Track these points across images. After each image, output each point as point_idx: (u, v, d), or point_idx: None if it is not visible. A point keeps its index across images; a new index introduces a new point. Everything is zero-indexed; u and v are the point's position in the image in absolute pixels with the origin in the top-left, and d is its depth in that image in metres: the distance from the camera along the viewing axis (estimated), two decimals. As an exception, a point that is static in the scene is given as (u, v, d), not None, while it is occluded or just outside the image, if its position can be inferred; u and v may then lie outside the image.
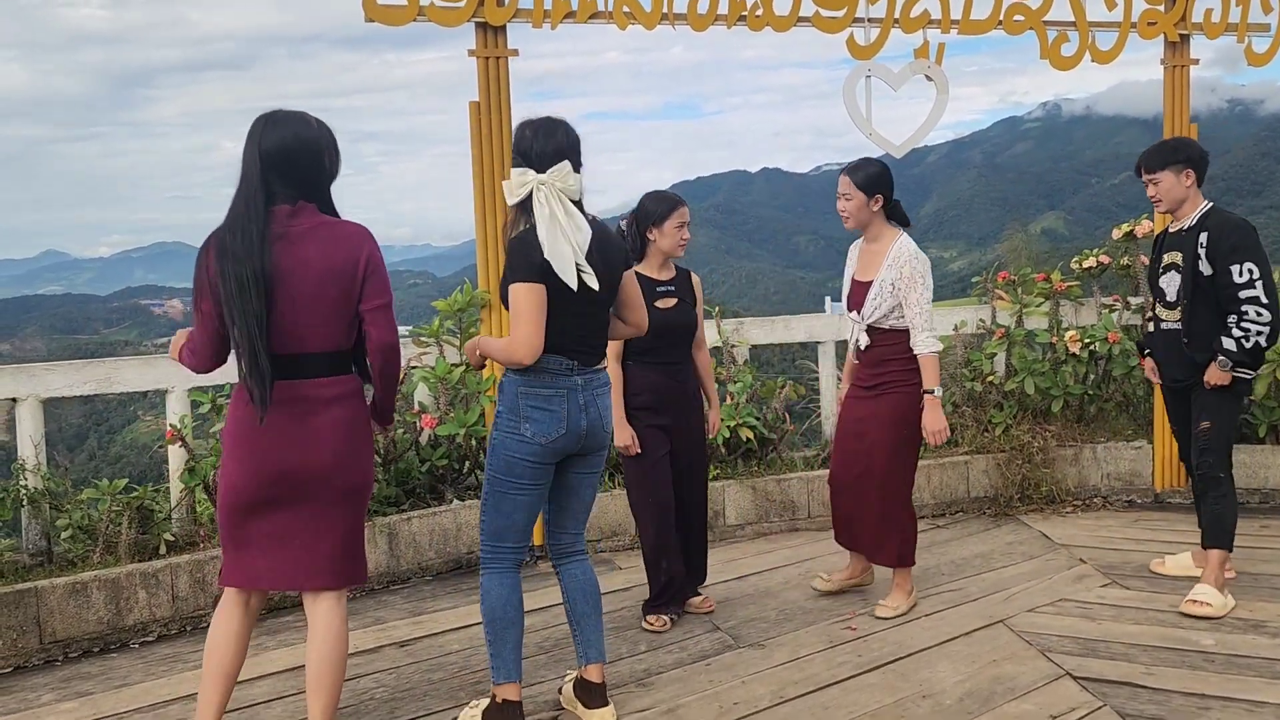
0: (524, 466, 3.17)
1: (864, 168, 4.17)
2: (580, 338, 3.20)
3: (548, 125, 3.18)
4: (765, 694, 3.52)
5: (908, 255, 4.08)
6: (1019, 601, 4.32)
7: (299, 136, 2.87)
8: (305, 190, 2.89)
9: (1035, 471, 5.79)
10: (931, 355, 4.06)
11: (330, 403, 2.89)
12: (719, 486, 5.45)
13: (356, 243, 2.89)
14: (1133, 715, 3.25)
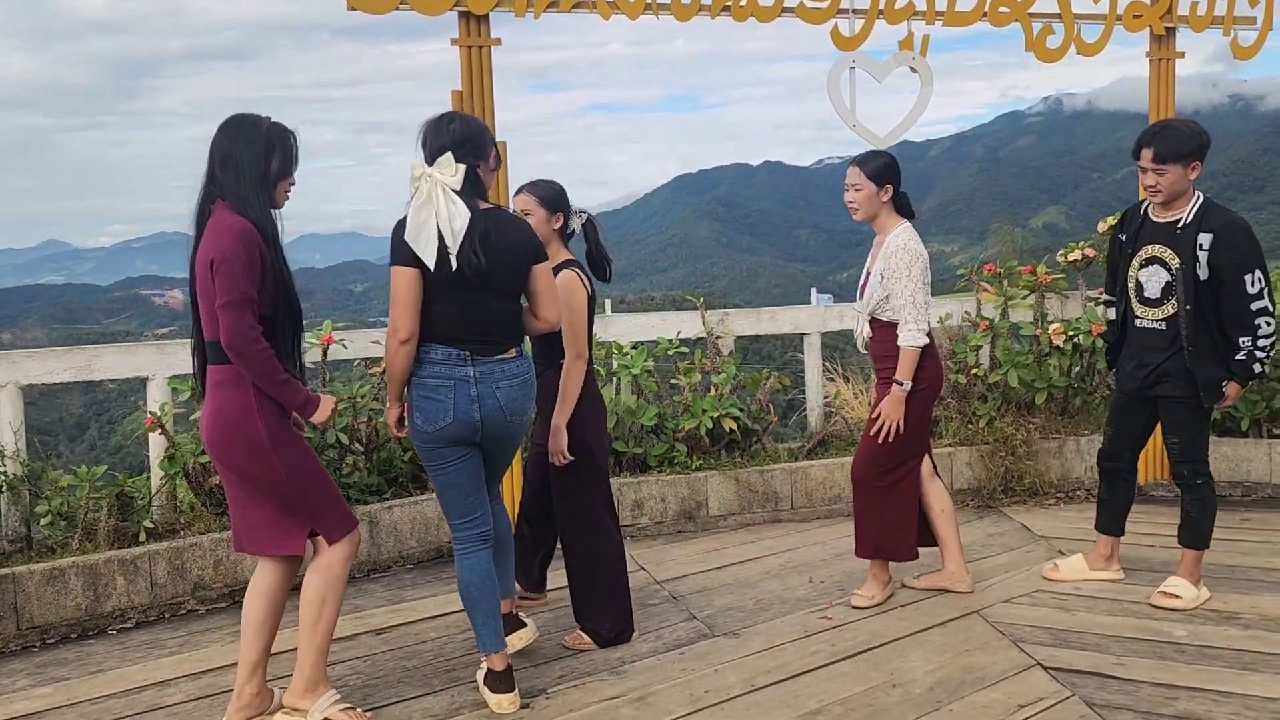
0: (427, 451, 3.34)
1: (874, 159, 4.15)
2: (468, 327, 3.27)
3: (438, 122, 3.34)
4: (737, 682, 3.53)
5: (897, 246, 4.06)
6: (995, 592, 4.33)
7: (238, 140, 3.10)
8: (231, 189, 3.08)
9: (1018, 464, 5.79)
10: (911, 349, 4.02)
11: (212, 389, 3.13)
12: (702, 477, 5.46)
13: (212, 240, 3.02)
14: (1100, 705, 3.26)
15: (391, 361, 3.28)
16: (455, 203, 3.18)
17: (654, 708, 3.35)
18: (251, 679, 3.23)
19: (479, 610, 3.37)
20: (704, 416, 5.45)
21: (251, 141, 3.10)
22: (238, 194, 3.07)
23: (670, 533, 5.40)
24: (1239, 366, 4.01)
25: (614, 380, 5.72)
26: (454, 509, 3.40)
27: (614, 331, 5.98)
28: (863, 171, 4.13)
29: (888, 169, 4.13)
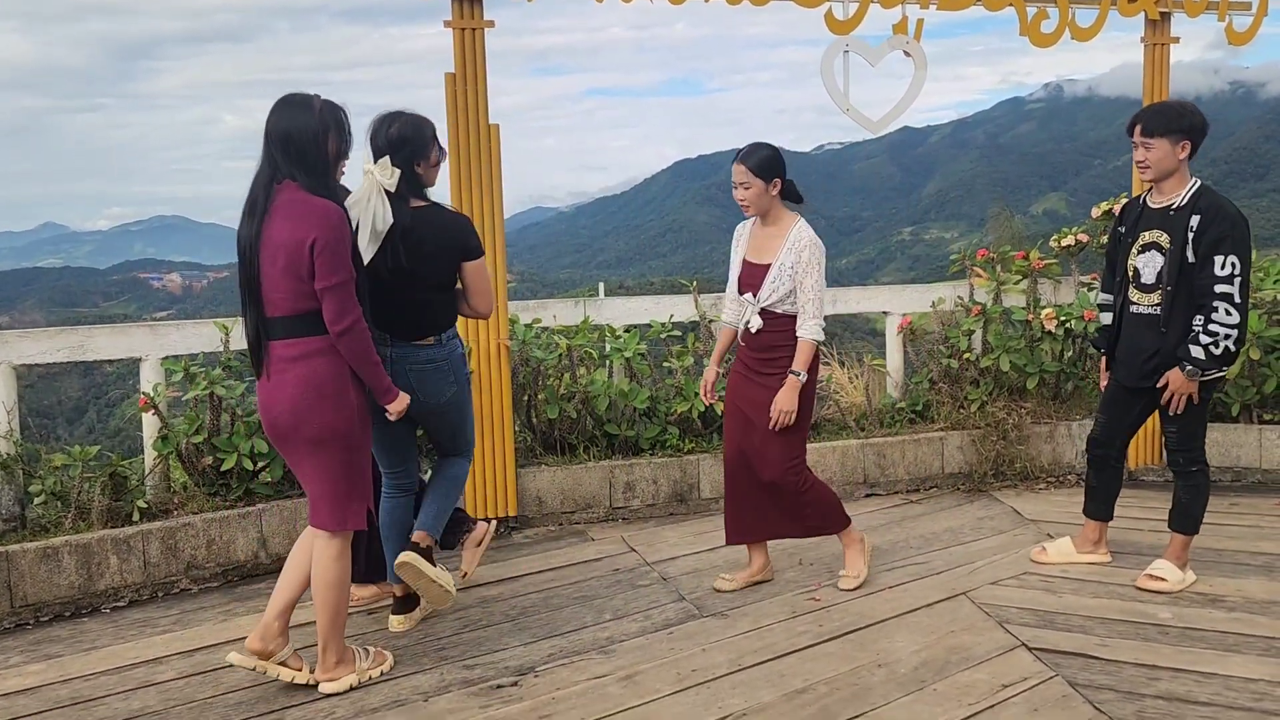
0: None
1: (756, 153, 4.04)
2: (385, 313, 3.59)
3: (382, 122, 3.61)
4: (723, 662, 3.56)
5: (807, 240, 4.04)
6: (983, 575, 4.36)
7: (296, 120, 3.19)
8: (299, 169, 3.19)
9: (1010, 448, 5.82)
10: (812, 342, 4.02)
11: (290, 362, 3.22)
12: (694, 460, 5.49)
13: (308, 220, 3.14)
14: (1083, 685, 3.29)
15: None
16: (385, 204, 3.47)
17: (641, 686, 3.38)
18: (280, 616, 3.39)
19: (390, 544, 3.87)
20: (696, 400, 5.47)
21: (308, 122, 3.20)
22: (310, 176, 3.19)
23: (662, 515, 5.42)
24: (1182, 350, 3.96)
25: (607, 363, 5.74)
26: (379, 461, 3.87)
27: (607, 315, 5.99)
28: (748, 168, 4.03)
29: (773, 162, 4.04)
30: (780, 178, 4.07)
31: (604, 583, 4.41)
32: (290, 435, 3.26)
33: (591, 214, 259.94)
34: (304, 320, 3.21)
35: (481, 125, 4.95)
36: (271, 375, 3.25)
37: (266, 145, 3.21)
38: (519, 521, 5.24)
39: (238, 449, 4.64)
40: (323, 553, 3.34)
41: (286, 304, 3.19)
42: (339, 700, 3.34)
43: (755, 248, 4.18)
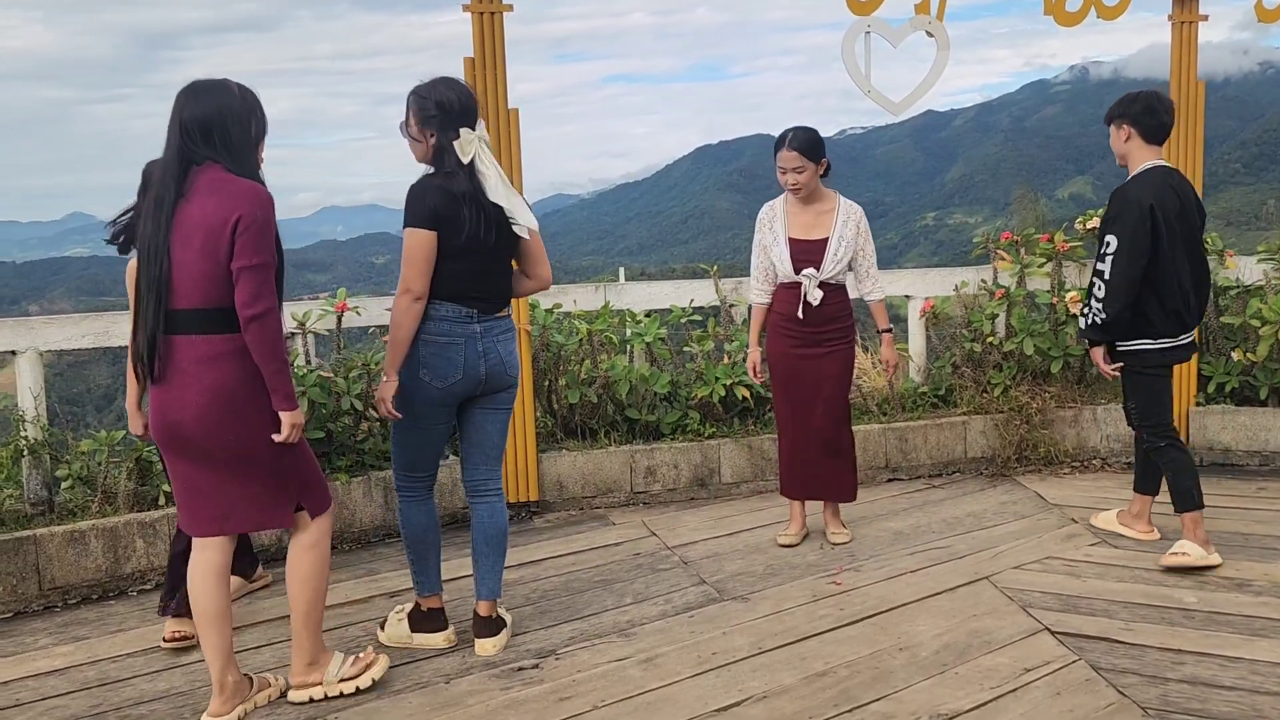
0: (423, 408, 3.44)
1: (804, 136, 4.28)
2: (478, 286, 3.42)
3: (457, 85, 3.39)
4: (744, 645, 3.56)
5: (857, 214, 4.42)
6: (1006, 559, 4.34)
7: (215, 105, 2.98)
8: (223, 153, 2.97)
9: (1033, 433, 5.77)
10: (884, 300, 4.55)
11: (195, 365, 2.91)
12: (714, 445, 5.48)
13: (236, 200, 2.90)
14: (1106, 669, 3.27)
15: (402, 321, 3.31)
16: (499, 169, 3.39)
17: (661, 669, 3.39)
18: (229, 667, 3.12)
19: (431, 555, 3.61)
20: (717, 384, 5.46)
21: (230, 105, 2.99)
22: (235, 160, 2.97)
23: (683, 500, 5.42)
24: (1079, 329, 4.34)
25: (627, 348, 5.74)
26: (423, 463, 3.57)
27: (627, 300, 5.99)
28: (801, 153, 4.27)
29: (819, 142, 4.34)
30: (825, 156, 4.34)
31: (625, 567, 4.41)
32: (195, 446, 2.96)
33: (613, 201, 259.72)
34: (215, 316, 2.91)
35: (501, 110, 4.94)
36: (170, 378, 2.92)
37: (181, 135, 2.94)
38: (540, 506, 5.26)
39: (261, 434, 4.66)
40: (297, 545, 3.17)
41: (198, 293, 2.89)
42: (360, 681, 3.36)
43: (802, 225, 4.39)
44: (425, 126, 3.35)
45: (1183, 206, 4.14)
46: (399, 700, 3.24)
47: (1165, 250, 4.09)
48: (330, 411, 4.87)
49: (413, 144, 3.42)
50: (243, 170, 2.98)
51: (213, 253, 2.89)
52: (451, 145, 3.33)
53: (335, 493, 4.80)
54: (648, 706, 3.14)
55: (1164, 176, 4.14)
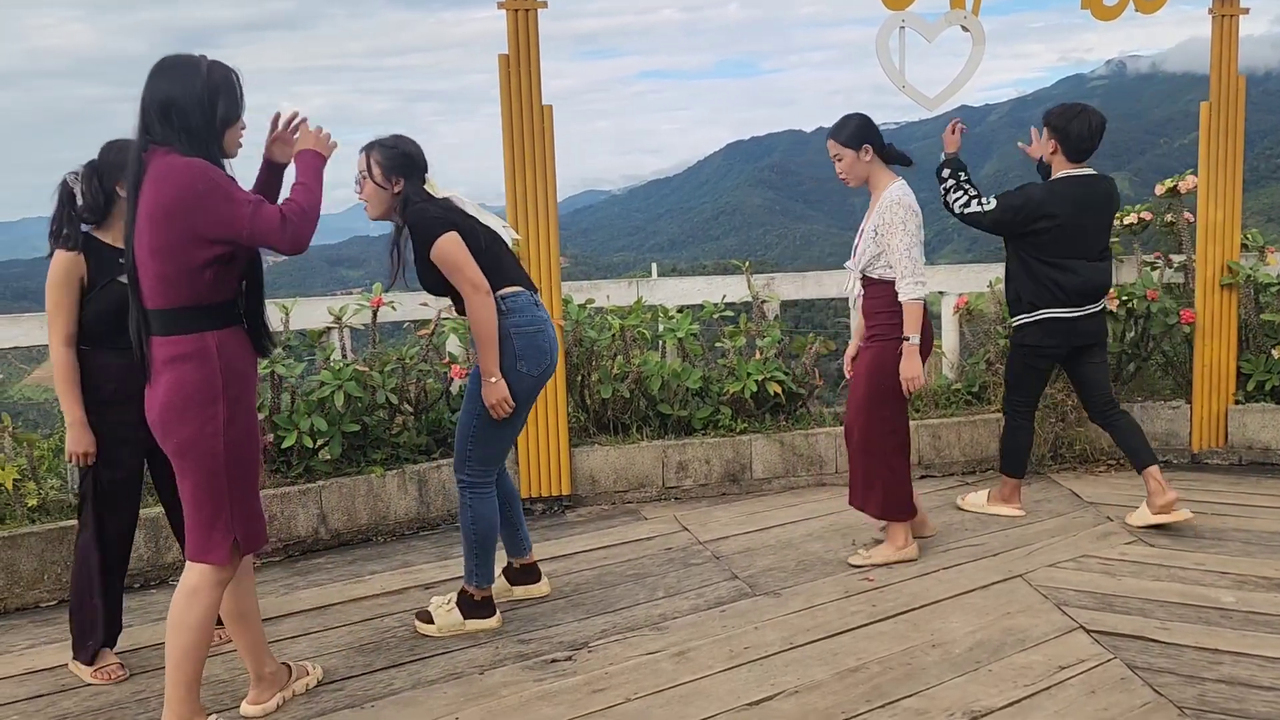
0: (522, 400, 3.57)
1: (842, 124, 4.19)
2: (524, 272, 3.66)
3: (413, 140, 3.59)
4: (776, 640, 3.57)
5: (889, 201, 4.06)
6: (1040, 557, 4.31)
7: (178, 84, 2.74)
8: (181, 137, 2.73)
9: (1069, 430, 5.73)
10: (912, 302, 4.02)
11: (164, 364, 2.78)
12: (746, 440, 5.48)
13: (170, 180, 2.67)
14: (1142, 668, 3.25)
15: (488, 319, 3.42)
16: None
17: (693, 662, 3.41)
18: (263, 659, 3.14)
19: (494, 546, 3.71)
20: (749, 380, 5.46)
21: (192, 85, 2.74)
22: (194, 146, 2.73)
23: (714, 495, 5.43)
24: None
25: (659, 344, 5.75)
26: (501, 455, 3.70)
27: (660, 295, 6.00)
28: (836, 140, 4.16)
29: (860, 128, 4.13)
30: (870, 143, 4.13)
31: (656, 561, 4.43)
32: (162, 445, 2.86)
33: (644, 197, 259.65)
34: (177, 316, 2.75)
35: (535, 107, 4.97)
36: (151, 378, 2.82)
37: (142, 116, 2.75)
38: (572, 500, 5.29)
39: (298, 427, 4.73)
40: (180, 585, 2.89)
41: (157, 294, 2.74)
42: (396, 671, 3.41)
43: (868, 216, 4.27)
44: (392, 174, 3.49)
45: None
46: (433, 690, 3.28)
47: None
48: (366, 405, 4.93)
49: (374, 196, 3.52)
50: (197, 155, 2.72)
51: (161, 249, 2.70)
52: (421, 188, 3.52)
53: (369, 486, 4.86)
54: (680, 699, 3.15)
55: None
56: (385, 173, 3.49)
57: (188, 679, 2.87)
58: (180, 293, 2.74)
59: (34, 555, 4.16)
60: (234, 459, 2.83)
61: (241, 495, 2.88)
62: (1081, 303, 4.62)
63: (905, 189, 4.11)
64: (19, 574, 4.15)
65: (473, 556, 3.69)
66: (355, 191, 3.56)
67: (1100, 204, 4.67)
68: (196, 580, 2.87)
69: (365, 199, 3.53)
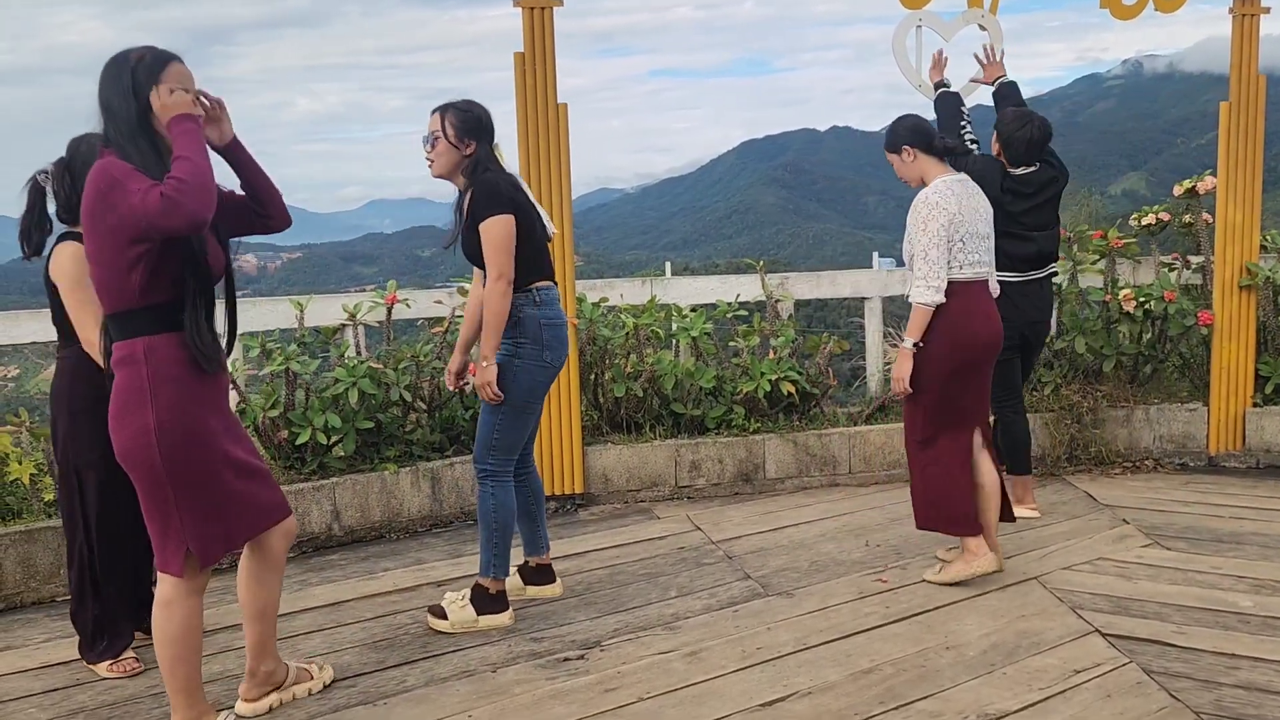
0: (543, 389, 3.72)
1: (888, 132, 4.13)
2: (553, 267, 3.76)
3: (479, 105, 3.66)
4: (789, 640, 3.56)
5: (918, 200, 3.94)
6: (1055, 559, 4.28)
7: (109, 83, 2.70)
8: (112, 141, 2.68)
9: (1084, 432, 5.70)
10: (919, 307, 3.88)
11: (115, 367, 2.75)
12: (759, 440, 5.47)
13: (91, 182, 2.61)
14: (1158, 673, 3.22)
15: (503, 308, 3.52)
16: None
17: (705, 663, 3.40)
18: (260, 657, 3.10)
19: (508, 536, 3.73)
20: (762, 379, 5.45)
21: (119, 80, 2.67)
22: (117, 144, 2.66)
23: (727, 494, 5.42)
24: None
25: (673, 343, 5.74)
26: (519, 443, 3.75)
27: (673, 294, 6.00)
28: (886, 150, 4.15)
29: (894, 133, 4.07)
30: (912, 144, 4.04)
31: (669, 560, 4.43)
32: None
33: (657, 195, 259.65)
34: (116, 321, 2.71)
35: (550, 105, 4.97)
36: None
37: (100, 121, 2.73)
38: (584, 498, 5.29)
39: (312, 424, 4.74)
40: (155, 597, 2.84)
41: (104, 298, 2.70)
42: (408, 669, 3.41)
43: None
44: (466, 136, 3.57)
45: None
46: (446, 688, 3.28)
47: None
48: (380, 402, 4.93)
49: (445, 155, 3.59)
50: (126, 156, 2.64)
51: (92, 254, 2.68)
52: (492, 153, 3.60)
53: (383, 483, 4.87)
54: (693, 699, 3.15)
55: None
56: (459, 134, 3.57)
57: (183, 685, 2.86)
58: (115, 297, 2.68)
59: (50, 550, 4.18)
60: (178, 469, 2.70)
61: (193, 505, 2.75)
62: (1025, 269, 4.80)
63: (941, 187, 3.92)
64: (35, 568, 4.17)
65: (491, 547, 3.71)
66: (426, 150, 3.63)
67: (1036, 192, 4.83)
68: (169, 593, 2.81)
69: (434, 157, 3.60)
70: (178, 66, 2.73)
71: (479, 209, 3.52)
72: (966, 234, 3.89)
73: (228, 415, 2.91)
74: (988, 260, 4.00)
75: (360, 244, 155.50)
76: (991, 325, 4.00)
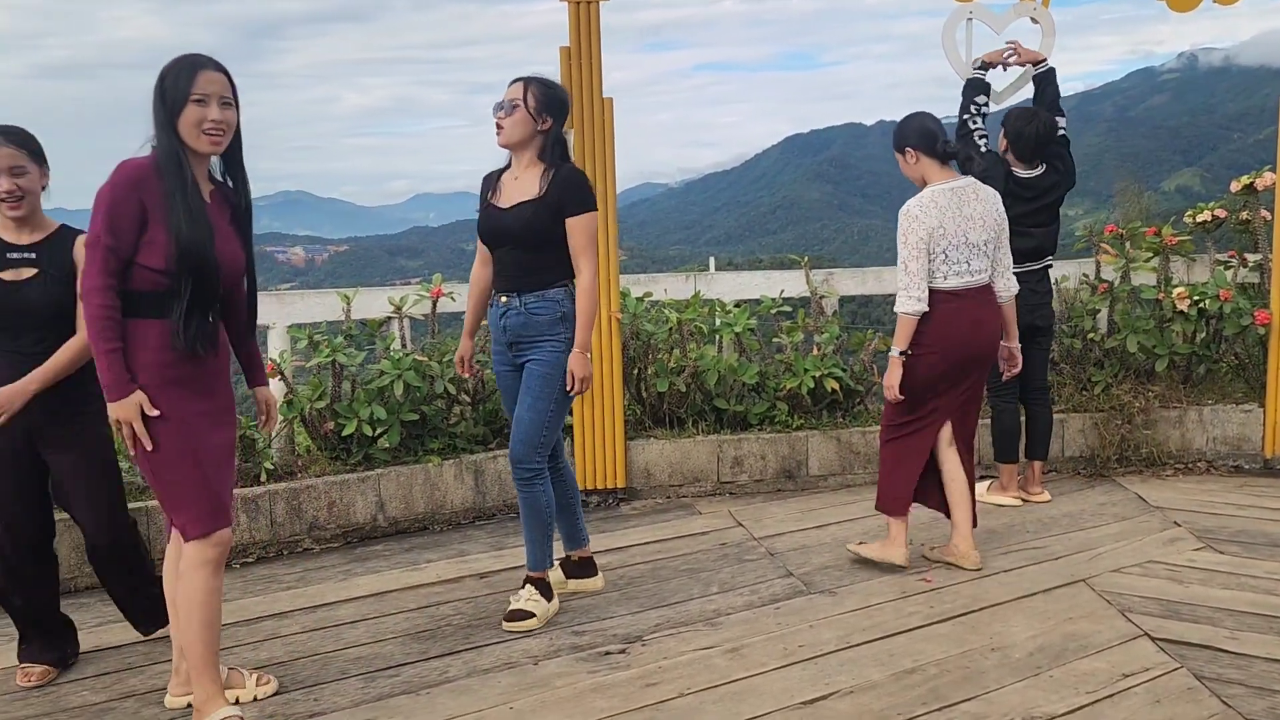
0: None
1: (896, 130, 4.16)
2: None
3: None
4: (831, 639, 3.53)
5: (901, 213, 3.99)
6: (1104, 562, 4.21)
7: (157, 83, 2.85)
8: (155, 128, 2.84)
9: (1135, 432, 5.59)
10: (902, 316, 3.95)
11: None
12: (802, 436, 5.44)
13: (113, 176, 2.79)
14: (1210, 679, 3.16)
15: (596, 297, 3.63)
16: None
17: (747, 659, 3.39)
18: (182, 656, 3.07)
19: (550, 530, 3.78)
20: (806, 376, 5.41)
21: (158, 82, 2.84)
22: (158, 137, 2.84)
23: (769, 491, 5.40)
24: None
25: (716, 338, 5.73)
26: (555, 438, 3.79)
27: (717, 290, 5.98)
28: (894, 148, 4.14)
29: (899, 133, 4.11)
30: (915, 145, 4.05)
31: (711, 556, 4.42)
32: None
33: (701, 190, 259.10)
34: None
35: (596, 99, 4.98)
36: None
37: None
38: (627, 493, 5.29)
39: (358, 415, 4.79)
40: (183, 561, 2.91)
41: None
42: (451, 659, 3.44)
43: None
44: (544, 111, 3.59)
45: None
46: (488, 679, 3.30)
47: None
48: (424, 395, 4.97)
49: (520, 125, 3.58)
50: (157, 144, 2.84)
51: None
52: (564, 136, 3.65)
53: (427, 474, 4.91)
54: (734, 696, 3.14)
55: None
56: (540, 108, 3.60)
57: (200, 661, 2.88)
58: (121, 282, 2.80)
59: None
60: (152, 451, 2.80)
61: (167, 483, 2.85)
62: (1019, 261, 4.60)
63: (925, 199, 3.96)
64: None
65: (543, 541, 3.77)
66: (498, 116, 3.61)
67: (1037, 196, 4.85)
68: (196, 555, 2.88)
69: (508, 125, 3.60)
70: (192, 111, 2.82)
71: (577, 198, 3.57)
72: (950, 245, 3.94)
73: (218, 399, 2.96)
74: (981, 267, 4.03)
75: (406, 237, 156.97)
76: (981, 332, 4.08)
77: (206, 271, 2.82)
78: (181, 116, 2.80)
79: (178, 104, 2.80)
